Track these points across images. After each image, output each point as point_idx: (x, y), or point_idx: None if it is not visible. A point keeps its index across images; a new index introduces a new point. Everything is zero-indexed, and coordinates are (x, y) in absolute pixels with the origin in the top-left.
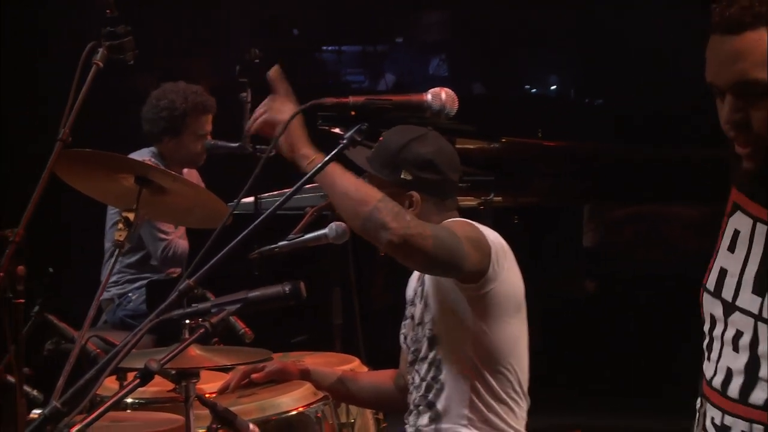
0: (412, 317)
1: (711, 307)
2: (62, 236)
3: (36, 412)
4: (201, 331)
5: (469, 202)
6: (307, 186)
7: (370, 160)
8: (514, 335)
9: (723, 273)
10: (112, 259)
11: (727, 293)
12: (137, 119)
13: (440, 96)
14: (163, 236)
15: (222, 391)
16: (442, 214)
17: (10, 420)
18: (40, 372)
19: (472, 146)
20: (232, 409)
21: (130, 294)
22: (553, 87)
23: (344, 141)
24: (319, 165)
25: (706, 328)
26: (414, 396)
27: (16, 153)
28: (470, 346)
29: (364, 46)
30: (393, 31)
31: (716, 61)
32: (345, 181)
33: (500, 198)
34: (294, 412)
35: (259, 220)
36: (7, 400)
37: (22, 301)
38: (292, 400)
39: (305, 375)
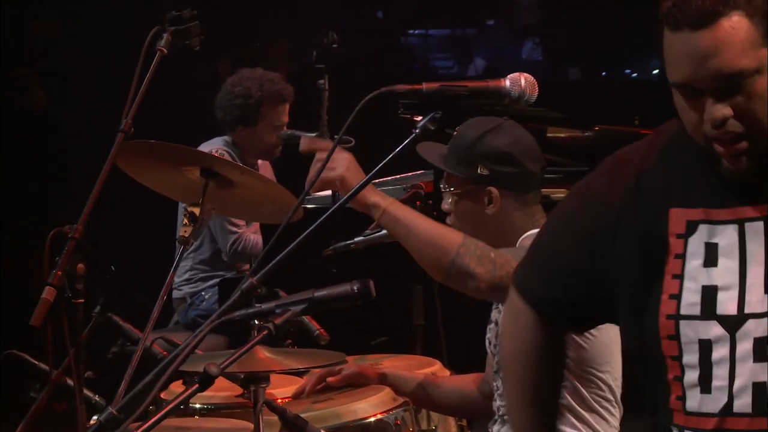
0: (497, 322)
1: (701, 332)
2: (131, 232)
3: (96, 418)
4: (264, 332)
5: (561, 194)
6: (387, 178)
7: (444, 157)
8: (607, 341)
9: (710, 290)
10: (196, 253)
11: (727, 307)
12: (210, 109)
13: (519, 82)
14: (233, 229)
15: (296, 396)
16: (525, 208)
17: (70, 426)
18: (106, 376)
19: (563, 135)
20: (306, 415)
21: (203, 293)
22: (655, 71)
23: (417, 131)
24: (388, 158)
25: (691, 359)
26: (499, 403)
27: (76, 146)
28: None
29: (452, 30)
30: (483, 13)
31: (689, 59)
32: (421, 228)
33: None
34: (372, 419)
35: (324, 216)
36: (68, 405)
37: (82, 300)
38: (369, 406)
39: (383, 379)
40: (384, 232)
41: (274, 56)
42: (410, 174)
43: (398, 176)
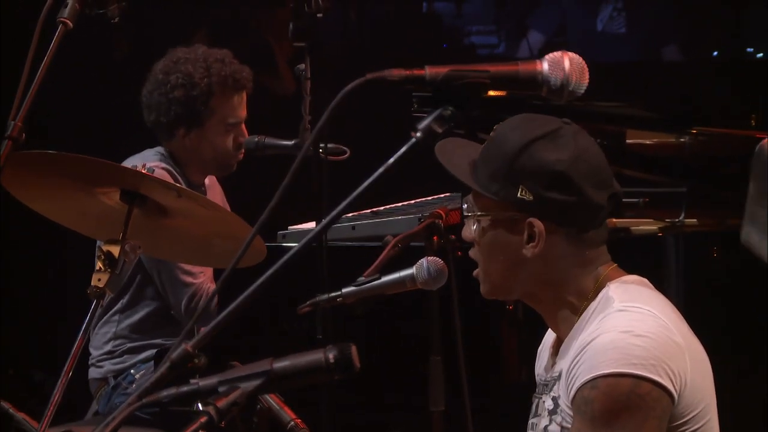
0: (536, 425)
1: None
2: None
3: None
4: (202, 419)
5: (647, 226)
6: (393, 205)
7: (474, 168)
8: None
9: None
10: (123, 315)
11: None
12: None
13: (562, 64)
14: (189, 279)
15: None
16: (581, 253)
17: None
18: None
19: (649, 141)
20: None
21: (131, 370)
22: None
23: (417, 134)
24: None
25: None
26: None
27: None
28: None
29: None
30: None
31: None
32: None
33: (695, 220)
34: None
35: (286, 257)
36: None
37: None
38: None
39: None
40: (384, 279)
41: (272, 28)
42: (431, 198)
43: (414, 201)
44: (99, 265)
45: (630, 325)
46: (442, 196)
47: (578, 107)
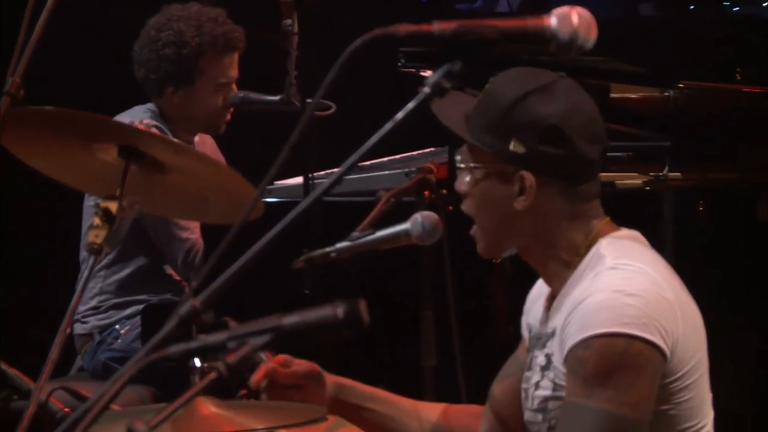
0: (530, 378)
1: None
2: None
3: None
4: (211, 375)
5: (631, 180)
6: (384, 158)
7: (469, 120)
8: (697, 397)
9: None
10: (109, 271)
11: None
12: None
13: (570, 19)
14: (184, 234)
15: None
16: (572, 206)
17: None
18: None
19: (635, 95)
20: None
21: (117, 326)
22: (765, 3)
23: (426, 90)
24: (388, 125)
25: None
26: None
27: None
28: None
29: None
30: None
31: None
32: None
33: (679, 174)
34: None
35: (293, 213)
36: None
37: None
38: None
39: (339, 390)
40: (378, 234)
41: None
42: (416, 153)
43: (399, 156)
44: (96, 221)
45: (622, 284)
46: (427, 150)
47: (564, 62)
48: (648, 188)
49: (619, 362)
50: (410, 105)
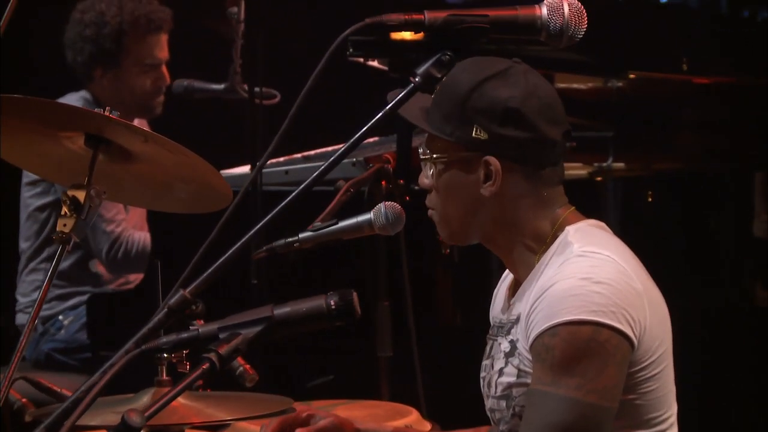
0: (490, 367)
1: None
2: None
3: None
4: (205, 366)
5: (576, 170)
6: (324, 149)
7: (428, 112)
8: (662, 387)
9: None
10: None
11: None
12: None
13: (561, 8)
14: (109, 227)
15: None
16: (538, 190)
17: None
18: None
19: (581, 86)
20: None
21: (60, 317)
22: None
23: (417, 80)
24: (378, 115)
25: None
26: None
27: None
28: None
29: None
30: None
31: None
32: None
33: (623, 164)
34: None
35: (289, 198)
36: None
37: None
38: None
39: None
40: (341, 224)
41: None
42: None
43: (340, 146)
44: (64, 210)
45: (589, 272)
46: (372, 140)
47: (510, 51)
48: (596, 178)
49: (586, 349)
50: (401, 95)
